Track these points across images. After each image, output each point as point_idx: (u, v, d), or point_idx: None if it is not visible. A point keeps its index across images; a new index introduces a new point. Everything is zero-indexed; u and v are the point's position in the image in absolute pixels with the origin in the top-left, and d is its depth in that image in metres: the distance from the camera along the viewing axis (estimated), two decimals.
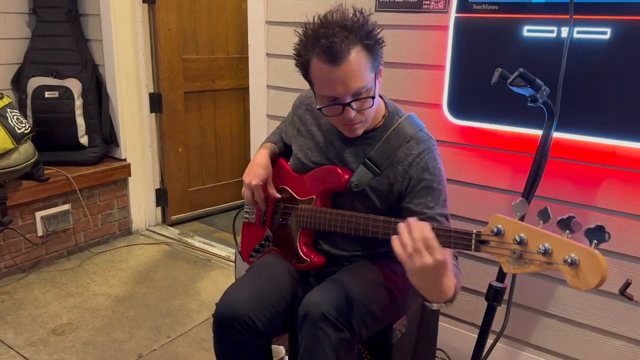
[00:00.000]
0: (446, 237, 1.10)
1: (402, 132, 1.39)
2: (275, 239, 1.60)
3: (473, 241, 1.04)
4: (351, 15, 1.25)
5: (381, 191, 1.40)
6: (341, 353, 1.24)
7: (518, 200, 0.99)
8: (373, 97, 1.28)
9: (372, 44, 1.23)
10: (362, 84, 1.24)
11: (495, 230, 1.00)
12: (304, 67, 1.30)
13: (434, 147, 1.40)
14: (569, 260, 0.89)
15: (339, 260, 1.49)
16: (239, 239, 1.77)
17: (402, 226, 1.09)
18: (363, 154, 1.41)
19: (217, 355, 1.45)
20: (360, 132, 1.37)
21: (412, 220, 1.08)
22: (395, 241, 1.08)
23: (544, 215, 0.95)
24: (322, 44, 1.20)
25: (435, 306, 1.16)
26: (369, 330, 1.34)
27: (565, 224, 0.92)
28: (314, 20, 1.27)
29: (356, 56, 1.21)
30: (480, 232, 1.04)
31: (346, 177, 1.42)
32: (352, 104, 1.26)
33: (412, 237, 1.05)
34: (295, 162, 1.57)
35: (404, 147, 1.38)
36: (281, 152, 1.66)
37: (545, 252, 0.92)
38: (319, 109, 1.34)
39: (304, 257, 1.49)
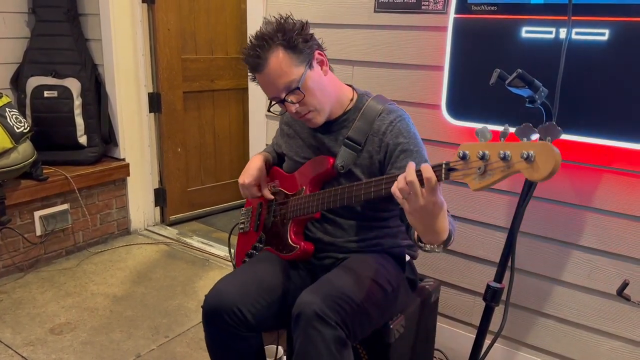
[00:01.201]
0: (417, 175, 1.11)
1: (373, 108, 1.47)
2: (267, 238, 1.63)
3: (443, 170, 1.08)
4: (274, 24, 1.39)
5: (365, 166, 1.46)
6: (335, 351, 1.25)
7: (480, 127, 1.04)
8: (299, 88, 1.37)
9: (288, 43, 1.35)
10: (288, 79, 1.36)
11: (461, 154, 1.05)
12: (257, 83, 1.44)
13: (406, 115, 1.47)
14: (525, 155, 0.93)
15: (332, 249, 1.52)
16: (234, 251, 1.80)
17: (401, 175, 1.14)
18: (342, 137, 1.48)
19: (207, 347, 1.48)
20: (318, 120, 1.45)
21: (411, 165, 1.11)
22: (394, 186, 1.13)
23: (504, 133, 1.01)
24: (247, 61, 1.39)
25: (428, 247, 1.21)
26: (362, 328, 1.36)
27: (522, 132, 0.98)
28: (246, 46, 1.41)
29: (275, 58, 1.35)
30: (449, 161, 1.09)
31: (331, 161, 1.48)
32: (287, 98, 1.38)
33: (407, 180, 1.09)
34: (288, 164, 1.64)
35: (377, 120, 1.45)
36: (275, 162, 1.74)
37: (505, 157, 0.97)
38: (269, 110, 1.48)
39: (293, 244, 1.51)
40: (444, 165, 1.09)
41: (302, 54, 1.37)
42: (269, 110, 1.49)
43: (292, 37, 1.35)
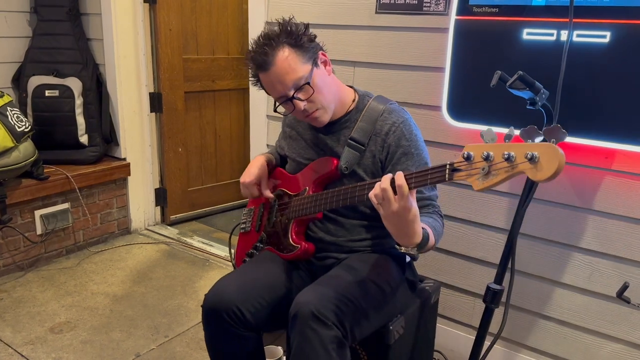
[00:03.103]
0: (422, 175, 1.16)
1: (375, 109, 1.50)
2: (268, 238, 1.63)
3: (447, 171, 1.10)
4: (276, 27, 1.42)
5: (368, 166, 1.48)
6: (332, 351, 1.25)
7: (486, 129, 1.05)
8: (309, 83, 1.39)
9: (295, 41, 1.39)
10: (297, 76, 1.38)
11: (465, 155, 1.06)
12: (260, 85, 1.46)
13: (407, 115, 1.51)
14: (529, 156, 0.95)
15: (333, 248, 1.53)
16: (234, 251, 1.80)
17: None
18: (344, 137, 1.50)
19: (207, 346, 1.49)
20: (325, 119, 1.47)
21: (387, 176, 1.18)
22: (371, 192, 1.20)
23: (508, 135, 1.02)
24: (254, 59, 1.41)
25: (403, 249, 1.27)
26: (361, 328, 1.36)
27: (527, 134, 1.01)
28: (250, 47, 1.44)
29: (282, 55, 1.37)
30: (453, 162, 1.10)
31: (335, 162, 1.49)
32: (296, 95, 1.39)
33: (381, 187, 1.16)
34: (291, 165, 1.65)
35: (379, 120, 1.48)
36: (278, 163, 1.75)
37: (509, 158, 0.98)
38: (275, 110, 1.50)
39: (293, 244, 1.52)
40: (447, 166, 1.11)
41: (308, 52, 1.40)
42: (275, 111, 1.50)
43: (298, 36, 1.39)
